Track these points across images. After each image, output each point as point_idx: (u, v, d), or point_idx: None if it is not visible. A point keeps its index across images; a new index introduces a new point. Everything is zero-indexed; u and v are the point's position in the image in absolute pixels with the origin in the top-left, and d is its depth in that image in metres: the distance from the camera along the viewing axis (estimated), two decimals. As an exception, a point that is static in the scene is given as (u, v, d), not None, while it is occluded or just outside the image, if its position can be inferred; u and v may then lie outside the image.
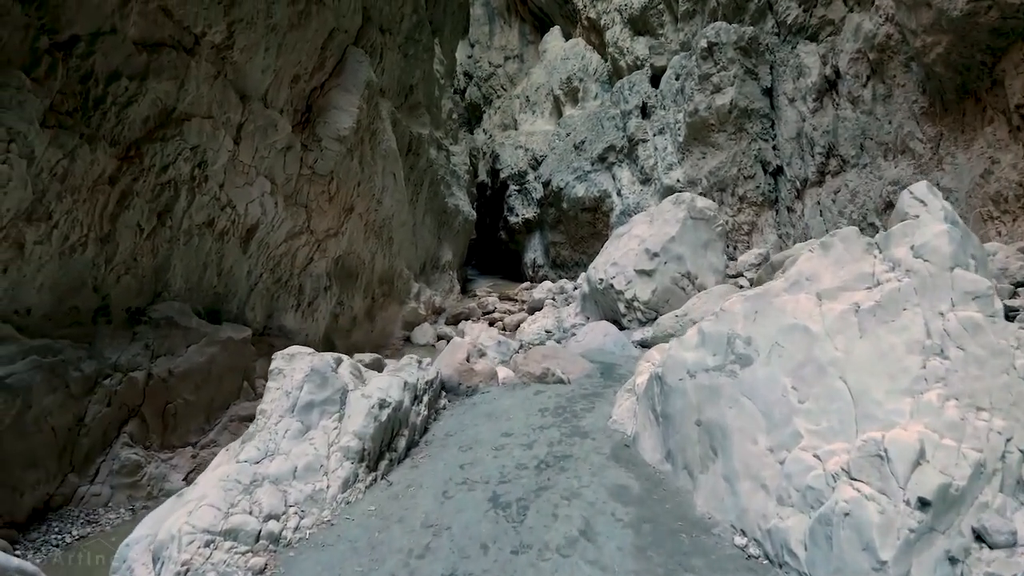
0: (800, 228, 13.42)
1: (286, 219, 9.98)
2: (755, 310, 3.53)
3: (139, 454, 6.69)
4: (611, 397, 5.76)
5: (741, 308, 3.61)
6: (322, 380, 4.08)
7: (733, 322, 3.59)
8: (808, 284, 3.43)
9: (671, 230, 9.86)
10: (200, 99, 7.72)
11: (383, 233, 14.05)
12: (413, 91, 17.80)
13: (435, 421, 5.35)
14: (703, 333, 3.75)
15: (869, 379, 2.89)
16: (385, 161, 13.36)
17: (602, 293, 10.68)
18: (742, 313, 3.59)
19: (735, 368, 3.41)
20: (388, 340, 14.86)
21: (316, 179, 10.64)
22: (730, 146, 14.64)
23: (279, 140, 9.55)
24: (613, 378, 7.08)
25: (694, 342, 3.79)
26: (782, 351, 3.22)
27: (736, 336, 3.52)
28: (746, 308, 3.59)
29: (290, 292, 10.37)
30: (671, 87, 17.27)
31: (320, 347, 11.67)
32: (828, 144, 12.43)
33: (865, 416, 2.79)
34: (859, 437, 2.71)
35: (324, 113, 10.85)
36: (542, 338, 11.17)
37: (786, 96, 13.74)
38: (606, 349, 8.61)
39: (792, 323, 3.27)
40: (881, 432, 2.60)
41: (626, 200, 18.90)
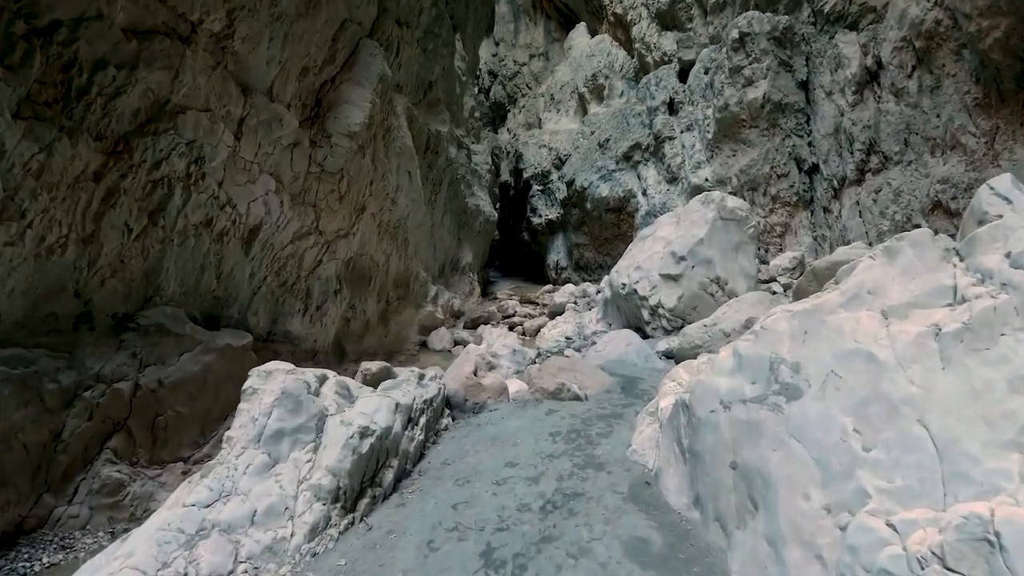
0: (837, 230, 12.58)
1: (292, 219, 9.53)
2: (804, 330, 2.89)
3: (123, 471, 6.26)
4: (631, 419, 5.14)
5: (787, 326, 2.97)
6: (295, 404, 3.55)
7: (776, 343, 2.96)
8: (871, 299, 2.79)
9: (699, 232, 9.17)
10: (197, 91, 7.29)
11: (398, 234, 13.57)
12: (432, 87, 17.33)
13: (434, 445, 4.79)
14: (739, 356, 3.12)
15: (958, 425, 2.25)
16: (400, 159, 12.88)
17: (625, 299, 10.03)
18: (788, 333, 2.95)
19: (780, 401, 2.78)
20: (403, 345, 14.38)
21: (325, 177, 10.18)
22: (762, 143, 13.84)
23: (285, 136, 9.10)
24: (635, 394, 6.45)
25: (729, 366, 3.16)
26: (840, 383, 2.58)
27: (781, 361, 2.88)
28: (793, 327, 2.95)
29: (296, 296, 9.93)
30: (700, 82, 16.50)
31: (330, 353, 11.24)
32: (869, 140, 11.60)
33: (956, 475, 2.15)
34: (951, 505, 2.07)
35: (335, 108, 10.40)
36: (561, 346, 10.56)
37: (823, 89, 12.90)
38: (628, 360, 7.98)
39: (852, 348, 2.63)
40: (986, 504, 1.96)
41: (652, 200, 18.18)
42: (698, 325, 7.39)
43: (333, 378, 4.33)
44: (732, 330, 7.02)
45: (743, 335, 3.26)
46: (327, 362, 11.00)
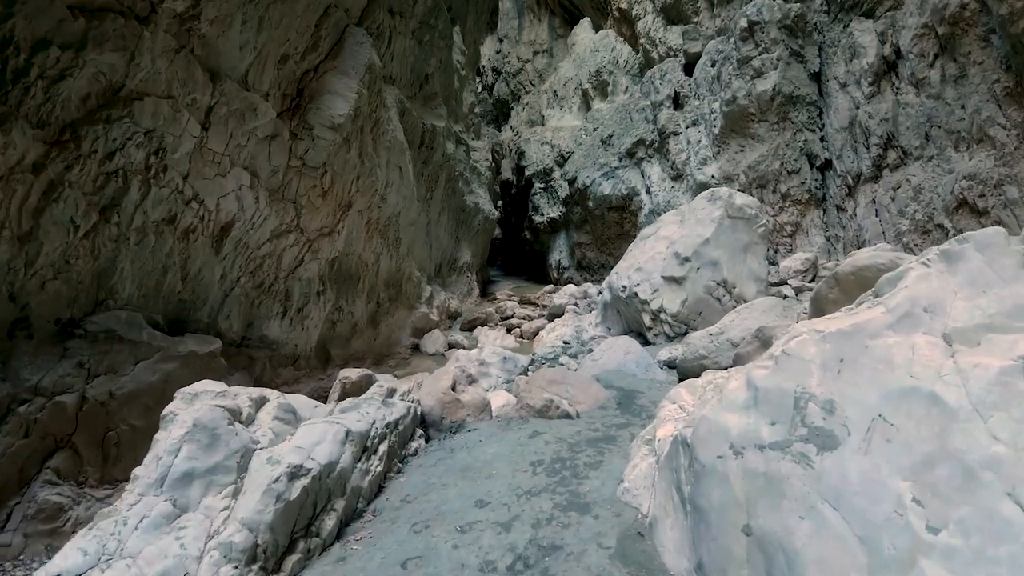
0: (851, 230, 11.89)
1: (270, 216, 8.93)
2: (839, 357, 2.25)
3: (65, 494, 5.66)
4: (625, 444, 4.50)
5: (816, 352, 2.33)
6: (210, 439, 2.92)
7: (803, 374, 2.31)
8: (928, 319, 2.14)
9: (705, 231, 8.51)
10: (156, 76, 6.68)
11: (388, 232, 12.95)
12: (428, 81, 16.71)
13: (397, 474, 4.16)
14: (755, 388, 2.47)
15: (1065, 500, 1.61)
16: (390, 153, 12.26)
17: (625, 302, 9.38)
18: (818, 360, 2.30)
19: (808, 451, 2.13)
20: (394, 348, 13.77)
21: (307, 172, 9.57)
22: (772, 138, 13.15)
23: (261, 127, 8.50)
24: (632, 411, 5.81)
25: (741, 400, 2.51)
26: (891, 432, 1.94)
27: (809, 397, 2.24)
28: (824, 353, 2.30)
29: (275, 298, 9.32)
30: (706, 74, 15.82)
31: (312, 358, 10.64)
32: (886, 134, 10.90)
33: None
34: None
35: (317, 98, 9.78)
36: (557, 352, 9.92)
37: (837, 81, 12.21)
38: (626, 370, 7.33)
39: (908, 385, 1.98)
40: None
41: (656, 198, 17.50)
42: (703, 333, 6.73)
43: (275, 400, 3.69)
44: (741, 339, 6.37)
45: (759, 360, 2.61)
46: (309, 367, 10.41)
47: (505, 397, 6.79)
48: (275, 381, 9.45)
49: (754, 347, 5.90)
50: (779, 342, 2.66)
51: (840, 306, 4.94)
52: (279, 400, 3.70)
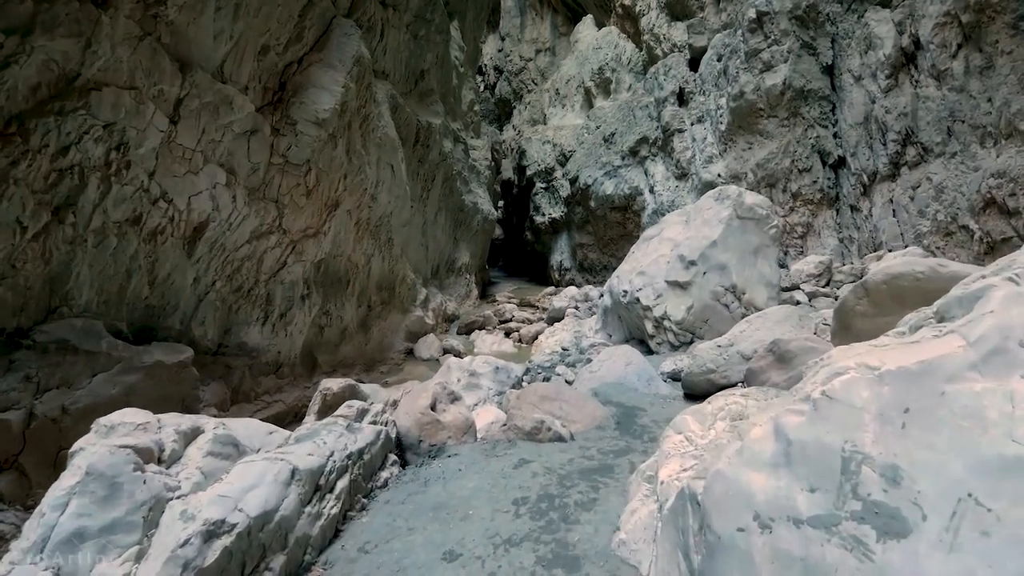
0: (867, 231, 11.30)
1: (249, 216, 8.40)
2: (903, 406, 1.68)
3: (9, 520, 5.13)
4: (624, 476, 3.95)
5: (870, 398, 1.76)
6: (109, 489, 2.38)
7: (853, 426, 1.75)
8: (1025, 355, 1.59)
9: (712, 232, 7.94)
10: (117, 65, 6.15)
11: (380, 233, 12.42)
12: (424, 76, 16.18)
13: (360, 513, 3.61)
14: (787, 440, 1.91)
15: None
16: (380, 151, 11.73)
17: (626, 308, 8.82)
18: (874, 409, 1.74)
19: (865, 534, 1.58)
20: (386, 354, 13.24)
21: (289, 169, 9.04)
22: (782, 134, 12.57)
23: (238, 121, 7.97)
24: (632, 432, 5.25)
25: (768, 454, 1.95)
26: (989, 521, 1.38)
27: (863, 459, 1.68)
28: (882, 399, 1.74)
29: (254, 302, 8.79)
30: (712, 69, 15.23)
31: (297, 365, 10.10)
32: (905, 129, 10.31)
33: None
34: None
35: (301, 92, 9.25)
36: (554, 361, 9.36)
37: (851, 74, 11.62)
38: (627, 383, 6.77)
39: (1011, 454, 1.42)
40: None
41: (659, 198, 16.93)
42: (711, 345, 6.16)
43: (211, 431, 3.15)
44: (753, 353, 5.80)
45: (790, 403, 2.04)
46: (294, 375, 9.88)
47: (494, 413, 6.24)
48: (256, 390, 8.94)
49: (768, 362, 5.33)
50: (813, 376, 2.10)
51: (871, 320, 4.38)
52: (216, 431, 3.16)
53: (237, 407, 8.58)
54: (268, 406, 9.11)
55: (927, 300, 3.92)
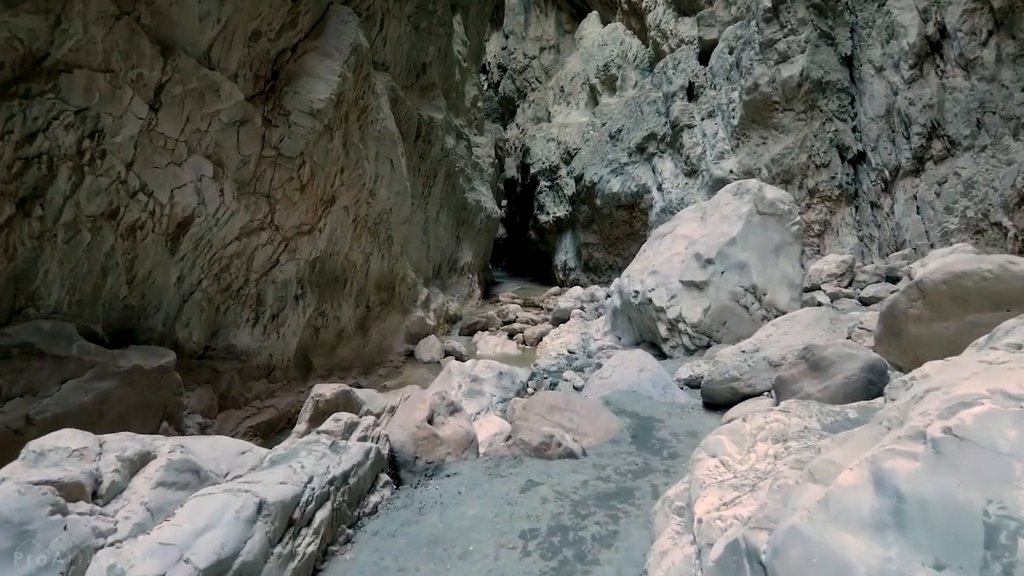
0: (888, 229, 10.78)
1: (238, 211, 7.93)
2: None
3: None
4: (647, 503, 3.46)
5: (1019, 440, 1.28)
6: (16, 539, 1.89)
7: (999, 480, 1.27)
8: None
9: (731, 229, 7.44)
10: (90, 45, 5.68)
11: (379, 230, 11.94)
12: (426, 70, 15.70)
13: (343, 548, 3.13)
14: (897, 495, 1.41)
15: None
16: (379, 145, 11.25)
17: (637, 309, 8.33)
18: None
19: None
20: (385, 356, 12.77)
21: (282, 162, 8.57)
22: (798, 128, 12.05)
23: (225, 110, 7.50)
24: (650, 447, 4.76)
25: (867, 512, 1.46)
26: None
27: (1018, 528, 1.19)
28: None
29: (244, 303, 8.32)
30: (723, 63, 14.71)
31: (291, 368, 9.63)
32: (930, 122, 9.80)
33: None
34: None
35: (295, 81, 8.78)
36: (560, 365, 8.87)
37: (872, 64, 11.10)
38: (641, 391, 6.27)
39: None
40: None
41: (668, 195, 16.42)
42: (734, 350, 5.66)
43: (165, 456, 2.66)
44: (781, 359, 5.30)
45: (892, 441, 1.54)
46: (287, 379, 9.41)
47: (498, 424, 5.75)
48: (245, 395, 8.47)
49: (800, 370, 4.83)
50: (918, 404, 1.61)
51: (926, 326, 3.88)
52: (171, 456, 2.67)
53: (225, 413, 8.12)
54: (259, 412, 8.64)
55: (995, 303, 3.40)
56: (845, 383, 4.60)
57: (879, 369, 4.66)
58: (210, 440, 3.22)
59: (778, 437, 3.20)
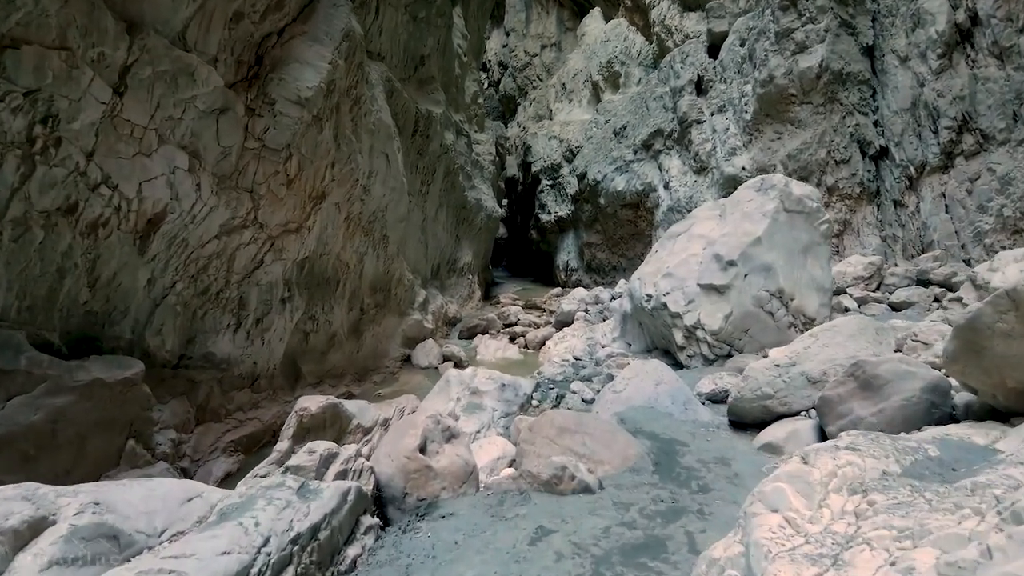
0: (913, 229, 10.14)
1: (218, 207, 7.29)
2: None
3: None
4: (684, 558, 2.83)
5: None
6: None
7: None
8: None
9: (755, 228, 6.81)
10: (42, 19, 5.04)
11: (374, 229, 11.31)
12: (424, 62, 15.06)
13: (309, 623, 2.49)
14: None
15: None
16: (374, 138, 10.62)
17: (650, 315, 7.70)
18: None
19: None
20: (380, 362, 12.13)
21: (267, 155, 7.93)
22: (816, 122, 11.42)
23: (203, 97, 6.86)
24: (677, 479, 4.13)
25: None
26: None
27: None
28: None
29: (225, 307, 7.68)
30: (734, 55, 14.08)
31: (277, 376, 8.98)
32: (961, 115, 9.17)
33: None
34: None
35: (281, 67, 8.14)
36: (567, 373, 8.24)
37: (896, 54, 10.47)
38: (660, 408, 5.64)
39: None
40: None
41: (675, 194, 15.78)
42: (767, 364, 5.02)
43: (69, 521, 2.02)
44: (821, 375, 4.67)
45: None
46: (273, 388, 8.77)
47: (501, 446, 5.12)
48: (226, 407, 7.83)
49: (848, 389, 4.21)
50: None
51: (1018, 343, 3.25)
52: (79, 519, 2.04)
53: (203, 427, 7.48)
54: (241, 425, 8.00)
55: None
56: (903, 406, 3.98)
57: (942, 390, 4.04)
58: (145, 487, 2.58)
59: (855, 487, 2.57)
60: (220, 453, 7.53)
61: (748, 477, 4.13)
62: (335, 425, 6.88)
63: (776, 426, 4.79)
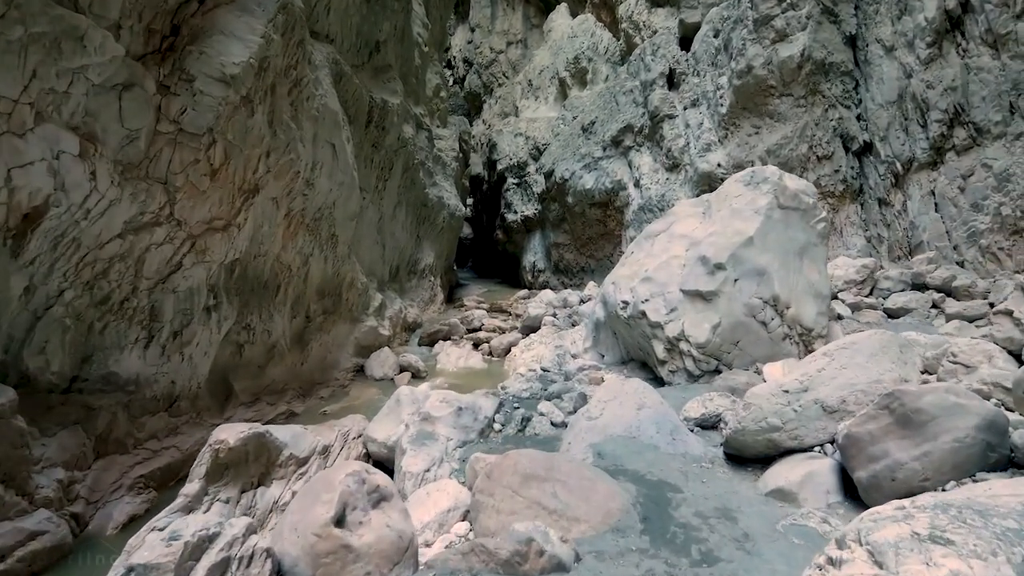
0: (900, 229, 9.53)
1: (121, 201, 6.16)
2: None
3: None
4: None
5: None
6: None
7: None
8: None
9: (747, 226, 5.99)
10: None
11: (320, 228, 10.22)
12: (380, 49, 13.99)
13: None
14: None
15: None
16: (318, 126, 9.53)
17: (626, 324, 6.84)
18: None
19: None
20: (329, 374, 11.03)
21: (185, 140, 6.80)
22: (797, 115, 10.77)
23: (97, 68, 5.72)
24: (673, 544, 3.26)
25: None
26: None
27: None
28: None
29: (131, 318, 6.54)
30: (708, 47, 13.39)
31: (203, 396, 7.83)
32: (952, 107, 8.57)
33: None
34: None
35: (202, 39, 7.02)
36: (533, 390, 7.31)
37: (881, 44, 9.86)
38: (643, 438, 4.77)
39: None
40: None
41: (646, 192, 15.04)
42: (773, 388, 4.17)
43: None
44: (840, 404, 3.85)
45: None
46: (196, 410, 7.65)
47: (453, 494, 4.17)
48: (135, 436, 6.68)
49: (882, 425, 3.38)
50: None
51: None
52: None
53: (105, 461, 6.33)
54: (154, 456, 6.86)
55: None
56: (955, 448, 3.17)
57: (999, 428, 3.24)
58: None
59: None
60: (125, 491, 6.38)
61: (762, 540, 3.27)
62: (261, 458, 5.83)
63: (786, 464, 3.96)
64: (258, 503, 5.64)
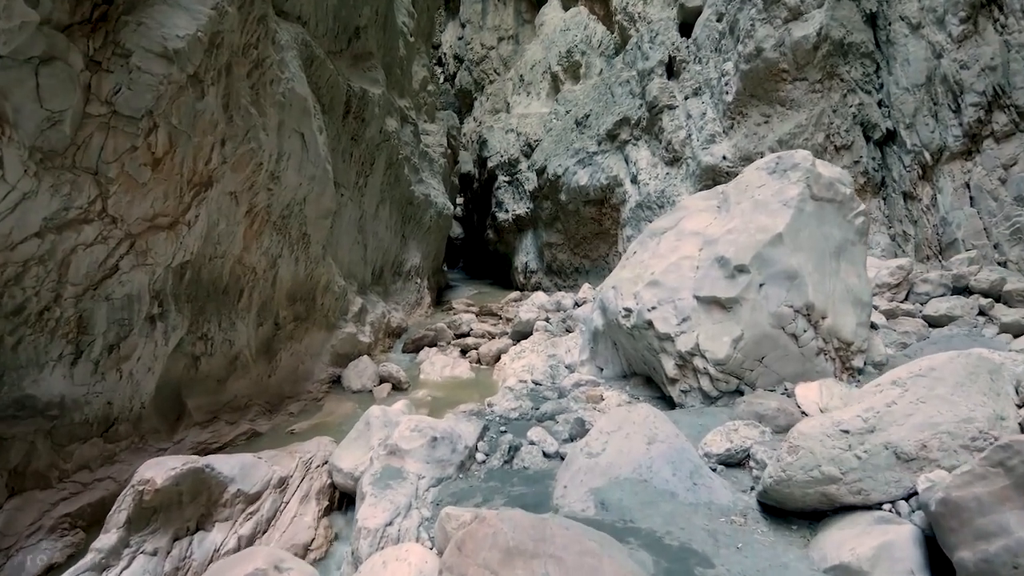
0: (929, 225, 8.67)
1: (38, 194, 5.21)
2: None
3: None
4: None
5: None
6: None
7: None
8: None
9: (774, 222, 5.09)
10: None
11: (289, 226, 9.27)
12: (360, 35, 13.04)
13: None
14: None
15: None
16: (284, 113, 8.58)
17: (629, 335, 5.94)
18: None
19: None
20: (302, 386, 10.08)
21: (120, 124, 5.85)
22: (813, 102, 9.89)
23: (3, 36, 4.77)
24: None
25: None
26: None
27: None
28: None
29: (53, 331, 5.58)
30: (711, 31, 12.50)
31: (151, 417, 6.85)
32: (991, 89, 7.71)
33: None
34: None
35: (141, 9, 6.07)
36: (523, 409, 6.41)
37: (906, 22, 8.99)
38: (656, 482, 3.87)
39: None
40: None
41: (644, 188, 14.14)
42: (827, 427, 3.27)
43: None
44: (920, 450, 2.96)
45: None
46: (139, 434, 6.69)
47: (417, 563, 3.24)
48: (61, 467, 5.73)
49: (995, 489, 2.48)
50: None
51: None
52: None
53: (22, 498, 5.39)
54: (85, 490, 5.91)
55: None
56: (1104, 525, 2.26)
57: None
58: None
59: None
60: (45, 534, 5.43)
61: (833, 650, 2.38)
62: (199, 498, 4.91)
63: (848, 528, 3.05)
64: (194, 552, 4.72)
